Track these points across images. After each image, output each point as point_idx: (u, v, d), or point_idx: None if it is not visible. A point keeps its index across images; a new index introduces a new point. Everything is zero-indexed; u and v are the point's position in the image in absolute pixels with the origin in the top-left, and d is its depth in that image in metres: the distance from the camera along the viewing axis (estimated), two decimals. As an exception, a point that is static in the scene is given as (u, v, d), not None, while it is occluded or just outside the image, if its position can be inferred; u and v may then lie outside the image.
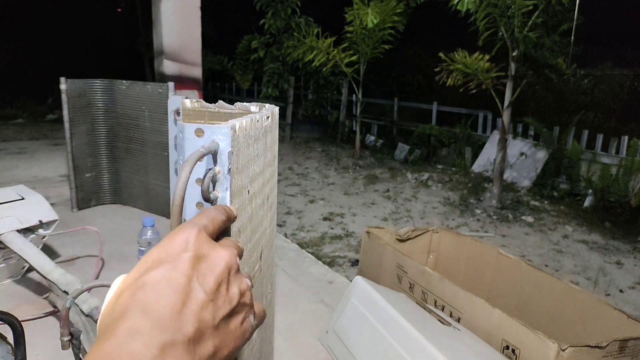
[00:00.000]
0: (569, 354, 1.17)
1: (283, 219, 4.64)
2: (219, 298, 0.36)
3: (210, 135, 0.49)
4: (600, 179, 5.51)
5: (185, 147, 0.48)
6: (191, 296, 0.34)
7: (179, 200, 0.43)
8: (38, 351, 1.51)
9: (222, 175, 0.50)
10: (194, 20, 3.57)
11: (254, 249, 0.68)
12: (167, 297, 0.32)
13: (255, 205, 0.67)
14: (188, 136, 0.48)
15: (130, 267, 0.36)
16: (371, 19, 6.76)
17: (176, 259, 0.35)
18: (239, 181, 0.55)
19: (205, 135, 0.48)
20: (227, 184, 0.50)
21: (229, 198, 0.51)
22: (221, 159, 0.50)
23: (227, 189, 0.51)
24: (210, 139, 0.48)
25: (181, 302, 0.33)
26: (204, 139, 0.48)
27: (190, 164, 0.44)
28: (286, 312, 1.91)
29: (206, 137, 0.48)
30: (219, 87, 15.30)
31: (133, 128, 2.93)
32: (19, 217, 1.84)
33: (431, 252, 2.28)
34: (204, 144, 0.48)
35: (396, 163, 7.80)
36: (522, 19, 4.88)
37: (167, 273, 0.34)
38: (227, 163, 0.50)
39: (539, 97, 8.75)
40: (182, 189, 0.43)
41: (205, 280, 0.35)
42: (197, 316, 0.33)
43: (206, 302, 0.34)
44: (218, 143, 0.49)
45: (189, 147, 0.48)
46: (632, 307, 3.26)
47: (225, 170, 0.50)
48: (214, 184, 0.50)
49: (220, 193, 0.51)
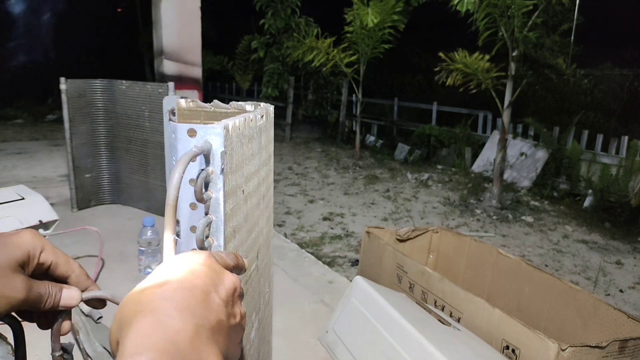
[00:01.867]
0: (569, 354, 1.17)
1: (283, 219, 4.64)
2: (228, 309, 0.38)
3: (203, 135, 0.48)
4: (600, 179, 5.51)
5: (178, 148, 0.48)
6: (210, 297, 0.36)
7: (172, 200, 0.43)
8: (38, 351, 1.51)
9: (215, 176, 0.50)
10: (194, 20, 3.57)
11: (250, 248, 0.68)
12: (190, 292, 0.34)
13: (251, 205, 0.67)
14: (181, 136, 0.48)
15: (130, 267, 0.37)
16: (371, 18, 6.76)
17: (193, 268, 0.37)
18: (233, 181, 0.54)
19: (198, 135, 0.48)
20: (221, 184, 0.50)
21: (223, 198, 0.50)
22: (214, 159, 0.49)
23: (221, 189, 0.50)
24: (203, 139, 0.48)
25: (203, 295, 0.35)
26: (197, 139, 0.48)
27: (182, 164, 0.44)
28: (286, 312, 1.91)
29: (199, 137, 0.48)
30: (219, 87, 15.30)
31: (133, 128, 2.93)
32: (19, 217, 1.84)
33: (431, 252, 2.28)
34: (196, 144, 0.48)
35: (396, 163, 7.80)
36: (522, 19, 4.88)
37: (186, 276, 0.36)
38: (220, 163, 0.49)
39: (539, 97, 8.75)
40: (175, 189, 0.43)
41: (218, 289, 0.37)
42: (216, 312, 0.35)
43: (221, 305, 0.36)
44: (210, 143, 0.49)
45: (182, 147, 0.48)
46: (632, 307, 3.26)
47: (218, 171, 0.50)
48: (207, 184, 0.50)
49: (213, 193, 0.50)
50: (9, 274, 0.43)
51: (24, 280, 0.43)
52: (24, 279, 0.43)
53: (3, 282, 0.42)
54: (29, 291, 0.43)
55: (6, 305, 0.42)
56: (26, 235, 0.46)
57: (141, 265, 2.11)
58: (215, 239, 0.52)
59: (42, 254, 0.47)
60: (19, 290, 0.43)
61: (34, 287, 0.44)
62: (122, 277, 2.09)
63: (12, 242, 0.44)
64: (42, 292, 0.45)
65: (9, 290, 0.42)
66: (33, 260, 0.46)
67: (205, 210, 0.51)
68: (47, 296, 0.46)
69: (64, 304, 0.47)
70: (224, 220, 0.52)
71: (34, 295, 0.44)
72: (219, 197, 0.50)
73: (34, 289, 0.44)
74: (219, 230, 0.52)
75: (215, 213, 0.51)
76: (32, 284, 0.44)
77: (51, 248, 0.48)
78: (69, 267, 0.49)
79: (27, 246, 0.45)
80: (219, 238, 0.52)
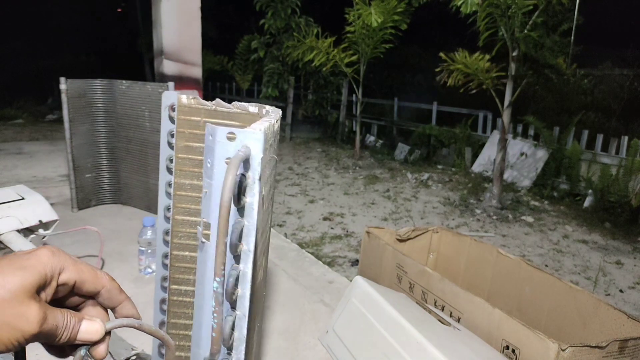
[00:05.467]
0: (569, 354, 1.17)
1: (283, 219, 4.64)
2: None
3: (243, 140, 0.48)
4: (600, 179, 5.51)
5: (216, 150, 0.48)
6: None
7: (227, 203, 0.42)
8: (38, 351, 1.51)
9: (252, 181, 0.49)
10: (194, 20, 3.57)
11: (261, 252, 0.68)
12: None
13: (264, 209, 0.67)
14: (219, 139, 0.47)
15: (130, 267, 0.37)
16: (375, 18, 6.75)
17: None
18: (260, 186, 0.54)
19: (237, 140, 0.48)
20: (257, 190, 0.49)
21: (257, 203, 0.50)
22: (253, 164, 0.49)
23: (256, 195, 0.49)
24: (242, 144, 0.48)
25: None
26: (235, 143, 0.48)
27: (234, 167, 0.44)
28: (286, 312, 1.91)
29: (238, 142, 0.48)
30: (219, 87, 15.30)
31: (133, 128, 2.93)
32: (19, 217, 1.84)
33: (431, 252, 2.28)
34: (239, 149, 0.47)
35: (396, 163, 7.80)
36: (523, 19, 4.88)
37: None
38: (259, 169, 0.49)
39: (539, 97, 8.75)
40: (229, 192, 0.42)
41: None
42: None
43: None
44: (249, 148, 0.48)
45: (220, 150, 0.47)
46: (632, 307, 3.26)
47: (256, 176, 0.49)
48: (245, 189, 0.50)
49: (248, 198, 0.50)
50: (23, 302, 0.37)
51: (39, 310, 0.38)
52: (38, 307, 0.38)
53: (15, 312, 0.36)
54: (43, 322, 0.38)
55: (18, 340, 0.37)
56: (43, 255, 0.41)
57: (141, 265, 2.11)
58: (245, 244, 0.51)
59: (62, 275, 0.41)
60: (31, 322, 0.37)
61: (49, 317, 0.39)
62: (122, 277, 2.09)
63: (28, 264, 0.39)
64: (59, 324, 0.40)
65: (21, 323, 0.37)
66: (52, 284, 0.41)
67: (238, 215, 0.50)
68: (63, 328, 0.40)
69: (82, 338, 0.41)
70: (256, 225, 0.51)
71: (49, 326, 0.39)
72: (253, 203, 0.50)
73: (50, 320, 0.39)
74: (251, 235, 0.52)
75: (248, 218, 0.51)
76: (48, 313, 0.39)
77: (73, 264, 0.43)
78: (97, 282, 0.44)
79: (44, 268, 0.40)
80: (250, 243, 0.52)
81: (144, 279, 2.08)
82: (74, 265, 0.43)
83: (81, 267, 0.43)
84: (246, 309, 0.54)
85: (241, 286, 0.53)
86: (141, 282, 2.06)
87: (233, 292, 0.52)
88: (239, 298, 0.54)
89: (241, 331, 0.54)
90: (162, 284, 0.92)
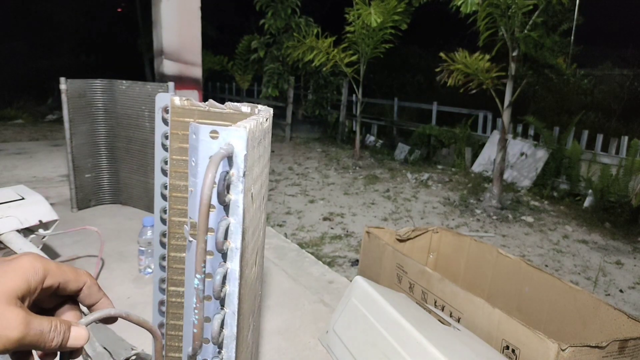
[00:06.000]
0: (569, 354, 1.17)
1: (283, 219, 4.64)
2: None
3: (226, 138, 0.48)
4: (600, 179, 5.51)
5: (199, 149, 0.48)
6: None
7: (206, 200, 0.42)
8: (38, 351, 1.51)
9: (236, 178, 0.50)
10: (194, 20, 3.57)
11: (253, 250, 0.68)
12: None
13: (256, 207, 0.67)
14: (203, 137, 0.48)
15: (130, 267, 0.37)
16: (375, 18, 6.75)
17: None
18: (246, 183, 0.55)
19: (220, 137, 0.48)
20: (241, 187, 0.50)
21: (242, 201, 0.50)
22: (236, 161, 0.49)
23: (241, 192, 0.50)
24: (225, 141, 0.48)
25: None
26: (219, 140, 0.48)
27: (214, 165, 0.44)
28: (286, 312, 1.91)
29: (221, 139, 0.48)
30: (219, 87, 15.30)
31: (133, 128, 2.93)
32: (19, 217, 1.84)
33: (431, 252, 2.28)
34: (221, 146, 0.47)
35: (396, 163, 7.80)
36: (523, 19, 4.88)
37: None
38: (243, 166, 0.49)
39: (539, 97, 8.75)
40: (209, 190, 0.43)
41: None
42: None
43: None
44: (233, 145, 0.48)
45: (203, 148, 0.48)
46: (632, 307, 3.26)
47: (240, 173, 0.49)
48: (229, 186, 0.50)
49: (233, 196, 0.50)
50: (3, 308, 0.36)
51: (21, 315, 0.37)
52: (20, 313, 0.37)
53: None
54: (26, 328, 0.37)
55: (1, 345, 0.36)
56: (25, 261, 0.40)
57: (141, 265, 2.11)
58: (232, 242, 0.52)
59: (47, 279, 0.41)
60: (13, 327, 0.36)
61: (33, 323, 0.38)
62: (122, 277, 2.09)
63: (8, 269, 0.39)
64: (45, 329, 0.39)
65: (1, 328, 0.36)
66: (35, 289, 0.40)
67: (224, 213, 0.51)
68: (51, 334, 0.39)
69: (72, 344, 0.41)
70: (242, 222, 0.52)
71: (34, 333, 0.38)
72: (238, 200, 0.50)
73: (34, 325, 0.38)
74: (237, 232, 0.52)
75: (234, 215, 0.51)
76: (31, 319, 0.38)
77: (56, 268, 0.43)
78: (79, 279, 0.45)
79: (25, 274, 0.39)
80: (237, 240, 0.52)
81: (144, 279, 2.08)
82: (57, 268, 0.43)
83: (63, 269, 0.44)
84: (235, 307, 0.54)
85: (229, 284, 0.54)
86: (141, 282, 2.06)
87: (220, 289, 0.52)
88: (227, 296, 0.54)
89: (231, 329, 0.54)
90: (160, 285, 0.92)
